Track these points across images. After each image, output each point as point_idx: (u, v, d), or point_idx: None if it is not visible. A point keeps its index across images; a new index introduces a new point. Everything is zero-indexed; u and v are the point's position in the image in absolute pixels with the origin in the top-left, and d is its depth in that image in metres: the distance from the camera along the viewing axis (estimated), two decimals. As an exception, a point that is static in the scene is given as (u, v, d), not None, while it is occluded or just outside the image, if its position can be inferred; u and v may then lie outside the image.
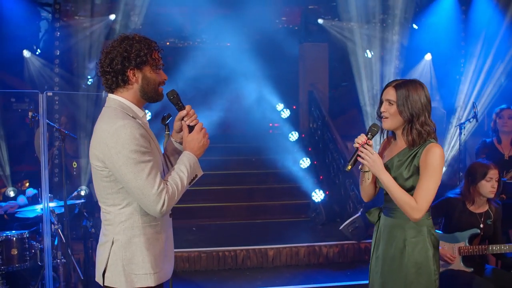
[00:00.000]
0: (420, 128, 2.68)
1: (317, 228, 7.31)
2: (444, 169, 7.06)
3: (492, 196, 4.03)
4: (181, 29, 11.27)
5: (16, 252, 4.29)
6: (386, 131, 2.86)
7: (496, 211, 4.13)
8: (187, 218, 7.85)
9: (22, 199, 5.05)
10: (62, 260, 4.38)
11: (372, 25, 8.37)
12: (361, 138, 2.71)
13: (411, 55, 8.31)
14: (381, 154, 2.91)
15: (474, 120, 5.76)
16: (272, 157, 8.86)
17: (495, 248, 4.04)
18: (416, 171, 2.68)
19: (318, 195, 7.81)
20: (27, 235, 4.40)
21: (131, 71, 2.41)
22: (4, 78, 8.03)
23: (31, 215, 4.80)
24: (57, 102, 7.08)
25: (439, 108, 8.23)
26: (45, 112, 3.52)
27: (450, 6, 7.84)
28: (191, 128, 2.57)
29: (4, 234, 4.32)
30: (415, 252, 2.71)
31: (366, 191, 2.93)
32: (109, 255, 2.42)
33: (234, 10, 10.73)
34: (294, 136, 9.64)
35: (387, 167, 2.74)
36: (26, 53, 7.54)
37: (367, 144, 2.69)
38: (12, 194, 6.53)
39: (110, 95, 2.47)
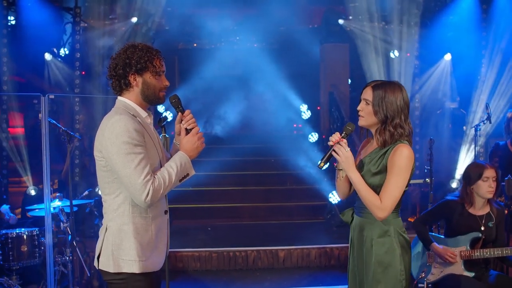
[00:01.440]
0: (393, 130, 2.68)
1: (332, 230, 7.28)
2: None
3: (490, 196, 3.96)
4: (206, 31, 11.40)
5: (26, 249, 4.47)
6: (365, 131, 2.88)
7: (498, 213, 4.04)
8: (203, 218, 7.96)
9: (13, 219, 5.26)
10: (70, 257, 4.53)
11: (392, 25, 8.27)
12: (335, 137, 2.75)
13: (431, 55, 8.17)
14: (358, 153, 2.95)
15: (488, 121, 5.63)
16: (291, 158, 8.87)
17: (497, 252, 3.95)
18: (384, 170, 2.68)
19: (335, 197, 7.78)
20: (37, 233, 4.57)
21: (132, 76, 2.64)
22: (31, 80, 8.34)
23: (43, 213, 4.96)
24: (77, 104, 7.29)
25: (459, 109, 8.07)
26: (47, 114, 3.67)
27: (470, 5, 7.67)
28: (188, 131, 2.73)
29: (15, 231, 4.50)
30: (382, 252, 2.71)
31: (340, 188, 2.96)
32: (103, 241, 2.62)
33: (256, 12, 10.80)
34: (314, 137, 9.63)
35: (360, 165, 2.78)
36: (47, 56, 7.79)
37: (340, 143, 2.73)
38: (33, 193, 6.75)
39: (119, 97, 2.71)
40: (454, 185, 7.32)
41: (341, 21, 9.23)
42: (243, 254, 6.14)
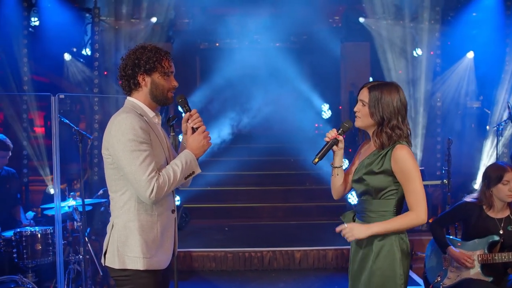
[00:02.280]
0: (390, 131, 2.65)
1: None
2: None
3: (510, 200, 3.82)
4: (227, 31, 11.42)
5: (40, 247, 4.51)
6: (363, 132, 2.84)
7: None
8: (221, 218, 7.95)
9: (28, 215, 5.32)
10: (81, 256, 4.56)
11: (413, 23, 8.12)
12: (332, 133, 2.76)
13: (453, 53, 7.99)
14: (357, 155, 2.91)
15: (510, 121, 5.47)
16: (311, 158, 8.74)
17: (515, 256, 3.82)
18: (387, 171, 2.65)
19: (354, 197, 7.68)
20: (51, 231, 4.60)
21: (140, 76, 2.69)
22: (54, 80, 8.47)
23: (53, 212, 5.01)
24: (96, 104, 7.36)
25: (483, 108, 7.86)
26: (57, 114, 3.70)
27: (494, 2, 7.47)
28: (195, 130, 2.75)
29: (29, 230, 4.54)
30: (381, 255, 2.66)
31: (335, 187, 2.93)
32: (109, 238, 2.66)
33: (277, 11, 10.77)
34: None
35: (360, 167, 2.74)
36: (66, 57, 7.88)
37: (337, 139, 2.74)
38: (52, 191, 6.82)
39: (128, 97, 2.76)
40: (476, 186, 7.14)
41: (361, 20, 9.10)
42: (259, 254, 6.09)
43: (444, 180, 4.62)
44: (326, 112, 10.23)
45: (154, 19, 9.19)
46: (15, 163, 6.75)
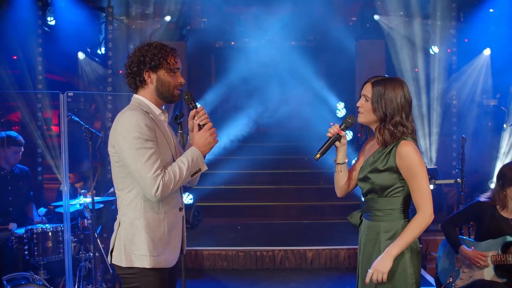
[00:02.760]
0: (393, 128, 2.60)
1: (364, 231, 7.09)
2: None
3: None
4: (242, 29, 11.42)
5: (51, 245, 4.53)
6: (366, 128, 2.79)
7: None
8: (234, 216, 7.94)
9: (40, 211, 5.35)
10: (91, 254, 4.58)
11: (429, 20, 8.00)
12: (334, 128, 2.73)
13: (469, 50, 7.85)
14: (362, 152, 2.86)
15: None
16: (325, 157, 8.65)
17: (530, 258, 3.73)
18: (393, 169, 2.60)
19: (368, 196, 7.60)
20: (62, 228, 4.63)
21: (146, 73, 2.68)
22: (68, 79, 8.54)
23: (70, 210, 5.03)
24: (110, 102, 7.40)
25: (499, 106, 7.71)
26: (65, 111, 3.71)
27: (511, -2, 7.33)
28: (201, 127, 2.73)
29: (40, 227, 4.58)
30: None
31: (338, 184, 2.87)
32: (116, 235, 2.66)
33: (293, 10, 10.73)
34: (348, 135, 9.43)
35: (365, 165, 2.70)
36: (80, 55, 7.94)
37: (339, 135, 2.71)
38: (65, 188, 6.87)
39: (134, 95, 2.75)
40: (493, 185, 7.00)
41: (376, 17, 9.00)
42: (270, 253, 6.06)
43: (458, 179, 4.52)
44: (341, 110, 10.14)
45: (168, 18, 9.22)
46: (30, 161, 6.84)
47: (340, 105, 10.33)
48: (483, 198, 3.99)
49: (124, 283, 2.67)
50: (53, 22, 7.81)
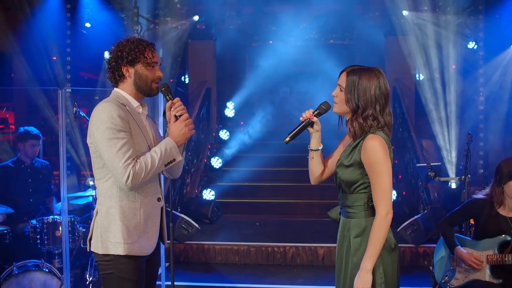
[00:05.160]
0: (363, 121, 2.50)
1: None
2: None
3: None
4: (274, 28, 11.45)
5: (60, 234, 4.74)
6: (341, 119, 2.71)
7: None
8: (256, 213, 7.99)
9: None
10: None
11: (456, 15, 7.78)
12: (307, 113, 2.68)
13: (497, 45, 7.55)
14: (340, 145, 2.80)
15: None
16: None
17: (526, 258, 3.59)
18: (356, 164, 2.52)
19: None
20: (72, 219, 4.84)
21: (124, 67, 2.78)
22: (102, 78, 8.85)
23: (82, 202, 5.26)
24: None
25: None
26: (64, 107, 3.88)
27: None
28: (178, 118, 2.81)
29: (51, 217, 4.80)
30: (358, 252, 2.53)
31: (312, 171, 2.83)
32: (93, 224, 2.77)
33: (324, 8, 10.67)
34: (375, 134, 9.29)
35: (339, 159, 2.63)
36: (106, 55, 8.20)
37: (311, 120, 2.67)
38: (91, 183, 7.13)
39: (114, 89, 2.85)
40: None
41: (405, 13, 8.82)
42: (281, 250, 6.08)
43: (462, 177, 4.39)
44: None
45: (196, 17, 9.38)
46: (57, 160, 7.15)
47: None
48: (479, 195, 3.85)
49: (101, 270, 2.76)
50: (88, 24, 8.16)
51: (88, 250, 2.83)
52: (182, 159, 2.86)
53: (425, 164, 4.59)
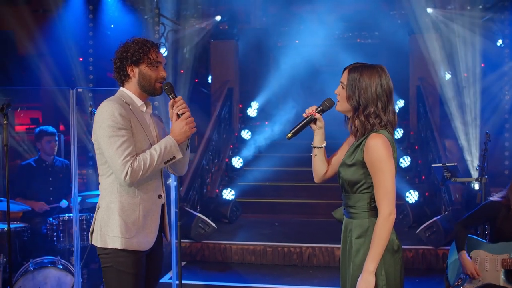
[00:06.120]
0: (364, 119, 2.46)
1: (403, 231, 6.85)
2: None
3: None
4: (298, 28, 11.42)
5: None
6: (345, 117, 2.64)
7: None
8: (275, 213, 7.96)
9: (63, 203, 5.66)
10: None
11: (482, 12, 7.59)
12: (310, 109, 2.64)
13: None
14: (345, 143, 2.75)
15: None
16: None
17: (542, 263, 3.47)
18: (359, 163, 2.48)
19: (412, 196, 7.35)
20: (88, 217, 4.92)
21: (129, 67, 2.86)
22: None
23: (96, 200, 5.33)
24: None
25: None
26: (75, 107, 3.94)
27: None
28: (179, 117, 2.86)
29: (67, 215, 4.89)
30: (360, 254, 2.48)
31: (316, 169, 2.77)
32: (95, 218, 2.85)
33: (348, 7, 10.57)
34: (399, 133, 9.14)
35: (343, 158, 2.59)
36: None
37: (314, 117, 2.63)
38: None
39: (120, 88, 2.93)
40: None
41: (429, 10, 8.65)
42: (298, 250, 6.04)
43: (479, 177, 4.27)
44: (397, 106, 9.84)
45: (218, 18, 9.42)
46: (82, 160, 7.31)
47: (400, 103, 10.02)
48: (496, 197, 3.76)
49: (101, 263, 2.83)
50: (111, 26, 8.29)
51: (89, 244, 2.91)
52: (183, 157, 2.89)
53: (441, 165, 4.49)
